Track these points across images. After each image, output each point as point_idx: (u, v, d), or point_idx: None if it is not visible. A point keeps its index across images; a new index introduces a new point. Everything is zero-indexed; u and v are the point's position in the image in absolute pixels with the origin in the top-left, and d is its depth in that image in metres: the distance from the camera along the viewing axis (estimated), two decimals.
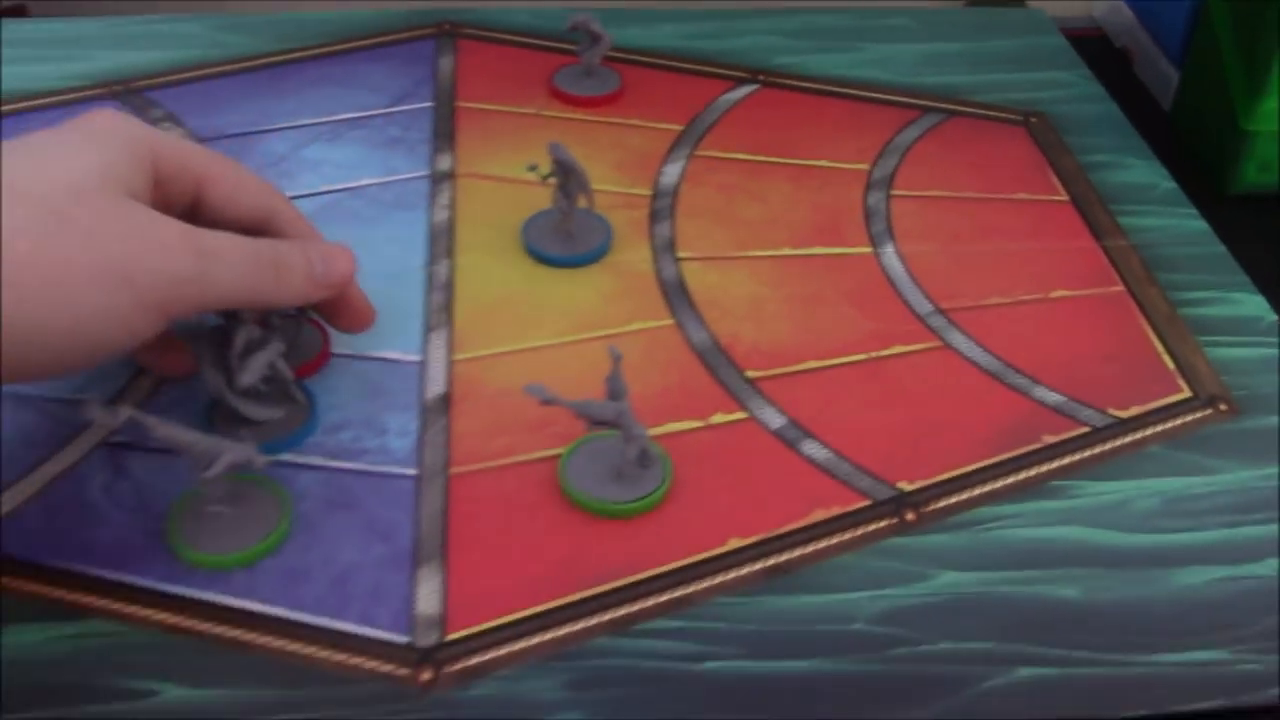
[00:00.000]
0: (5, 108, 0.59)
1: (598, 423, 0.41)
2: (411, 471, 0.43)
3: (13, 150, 0.37)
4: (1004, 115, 0.63)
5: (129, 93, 0.60)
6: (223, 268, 0.38)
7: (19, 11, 0.93)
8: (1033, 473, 0.44)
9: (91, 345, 0.36)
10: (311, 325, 0.47)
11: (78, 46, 0.63)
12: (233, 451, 0.38)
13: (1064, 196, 0.57)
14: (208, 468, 0.38)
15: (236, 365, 0.41)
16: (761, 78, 0.64)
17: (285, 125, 0.59)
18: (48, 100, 0.60)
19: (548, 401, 0.41)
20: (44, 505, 0.41)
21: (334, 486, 0.42)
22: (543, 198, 0.52)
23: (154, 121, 0.58)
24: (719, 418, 0.45)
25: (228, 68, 0.62)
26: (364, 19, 0.66)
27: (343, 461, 0.43)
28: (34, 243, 0.34)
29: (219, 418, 0.43)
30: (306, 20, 0.66)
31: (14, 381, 0.35)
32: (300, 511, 0.41)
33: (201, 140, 0.57)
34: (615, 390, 0.41)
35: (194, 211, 0.41)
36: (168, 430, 0.38)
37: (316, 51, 0.64)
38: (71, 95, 0.60)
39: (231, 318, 0.42)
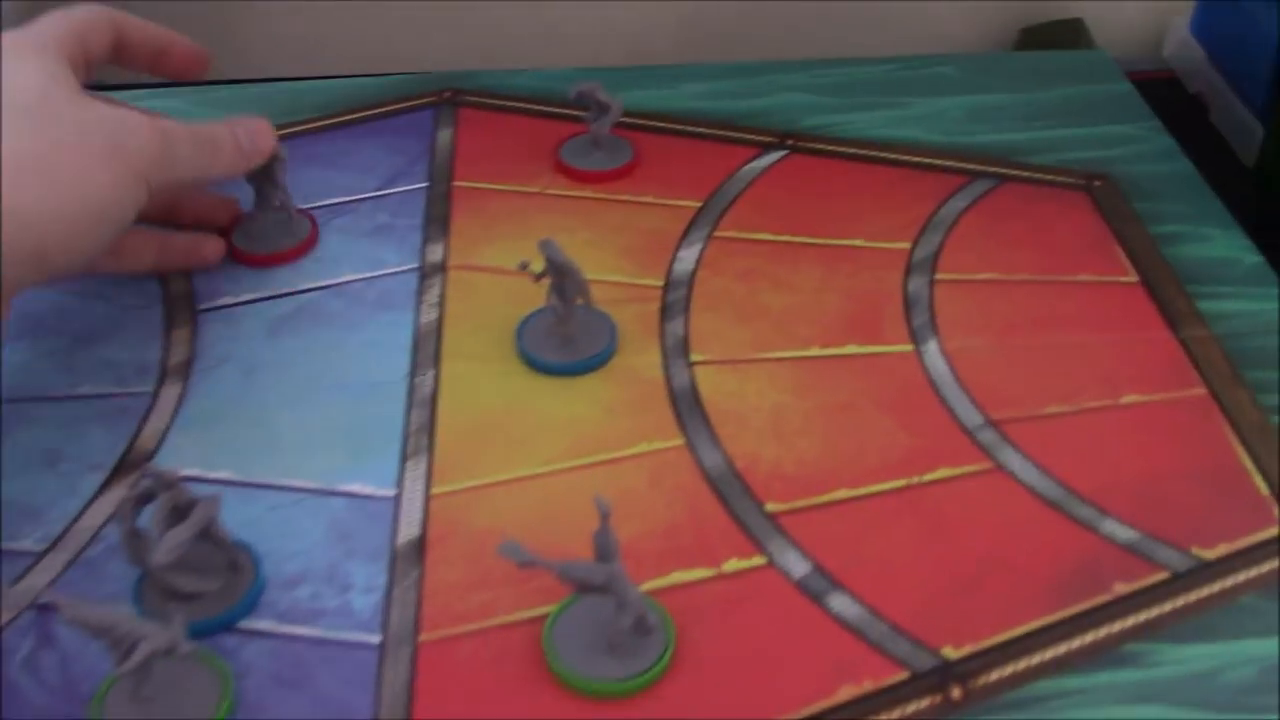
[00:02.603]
0: None
1: (586, 589, 0.35)
2: (374, 639, 0.37)
3: None
4: (1063, 179, 0.56)
5: None
6: (179, 146, 0.43)
7: None
8: (1103, 633, 0.37)
9: (105, 220, 0.40)
10: (303, 216, 0.52)
11: None
12: (154, 639, 0.33)
13: (1133, 277, 0.50)
14: (126, 656, 0.33)
15: (157, 536, 0.36)
16: (790, 142, 0.58)
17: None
18: None
19: (526, 564, 0.35)
20: None
21: (284, 659, 0.36)
22: (543, 292, 0.46)
23: None
24: (732, 564, 0.39)
25: None
26: (364, 88, 0.61)
27: (296, 626, 0.37)
28: (34, 142, 0.39)
29: (147, 590, 0.38)
30: (302, 91, 0.61)
31: (43, 279, 0.39)
32: (243, 689, 0.36)
33: None
34: (604, 550, 0.35)
35: (118, 50, 0.47)
36: (80, 612, 0.33)
37: (308, 127, 0.59)
38: None
39: (153, 480, 0.36)
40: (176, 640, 0.33)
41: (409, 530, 0.40)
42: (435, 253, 0.51)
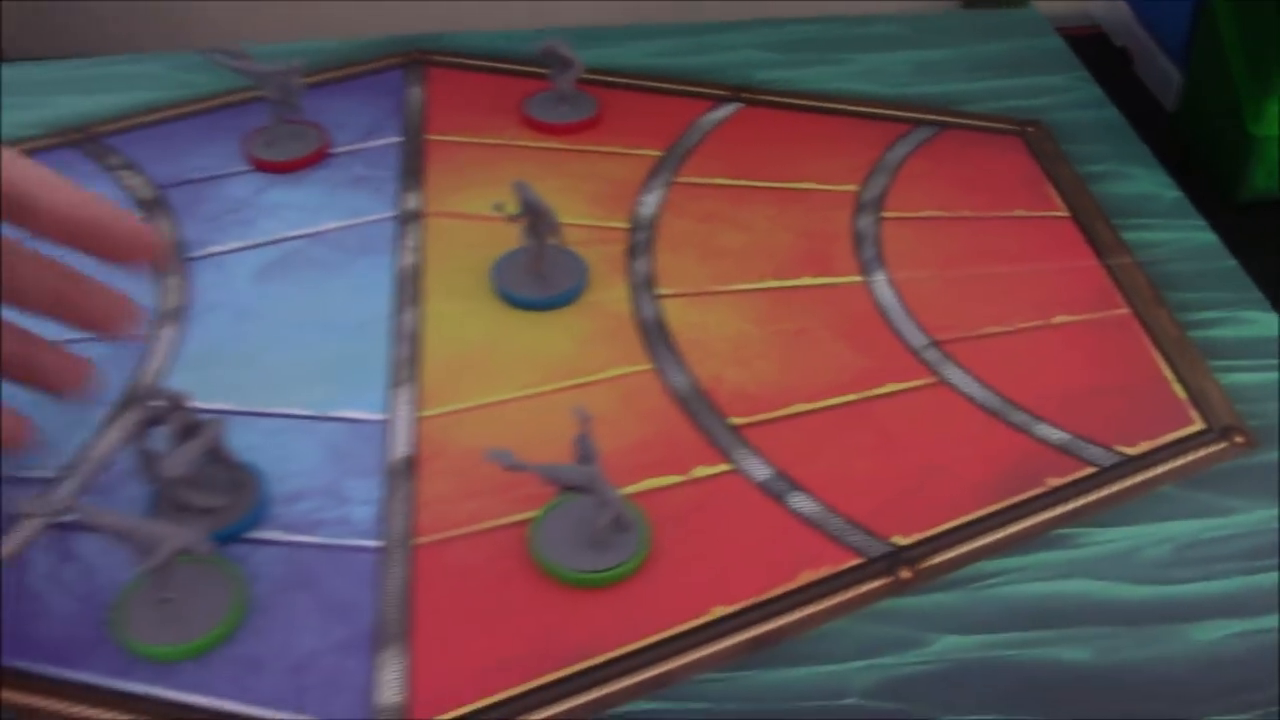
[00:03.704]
0: None
1: (569, 488, 0.39)
2: (374, 544, 0.40)
3: None
4: (999, 125, 0.60)
5: (88, 140, 0.58)
6: (41, 183, 0.36)
7: None
8: (1036, 520, 0.41)
9: None
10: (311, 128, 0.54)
11: (38, 92, 0.61)
12: (175, 538, 0.36)
13: (1064, 212, 0.54)
14: (150, 555, 0.36)
15: (168, 452, 0.39)
16: (743, 95, 0.61)
17: (245, 169, 0.56)
18: None
19: (512, 468, 0.38)
20: None
21: (291, 564, 0.40)
22: (516, 235, 0.50)
23: (112, 169, 0.56)
24: (700, 471, 0.43)
25: (189, 109, 0.60)
26: (331, 51, 0.64)
27: (301, 535, 0.40)
28: None
29: (161, 505, 0.41)
30: (270, 55, 0.63)
31: None
32: (255, 593, 0.39)
33: (159, 187, 0.55)
34: (585, 454, 0.39)
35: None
36: (106, 518, 0.36)
37: None
38: (30, 144, 0.58)
39: (163, 403, 0.39)
40: (197, 539, 0.36)
41: (400, 449, 0.43)
42: (411, 201, 0.54)
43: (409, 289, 0.50)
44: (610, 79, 0.62)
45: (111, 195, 0.54)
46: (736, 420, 0.44)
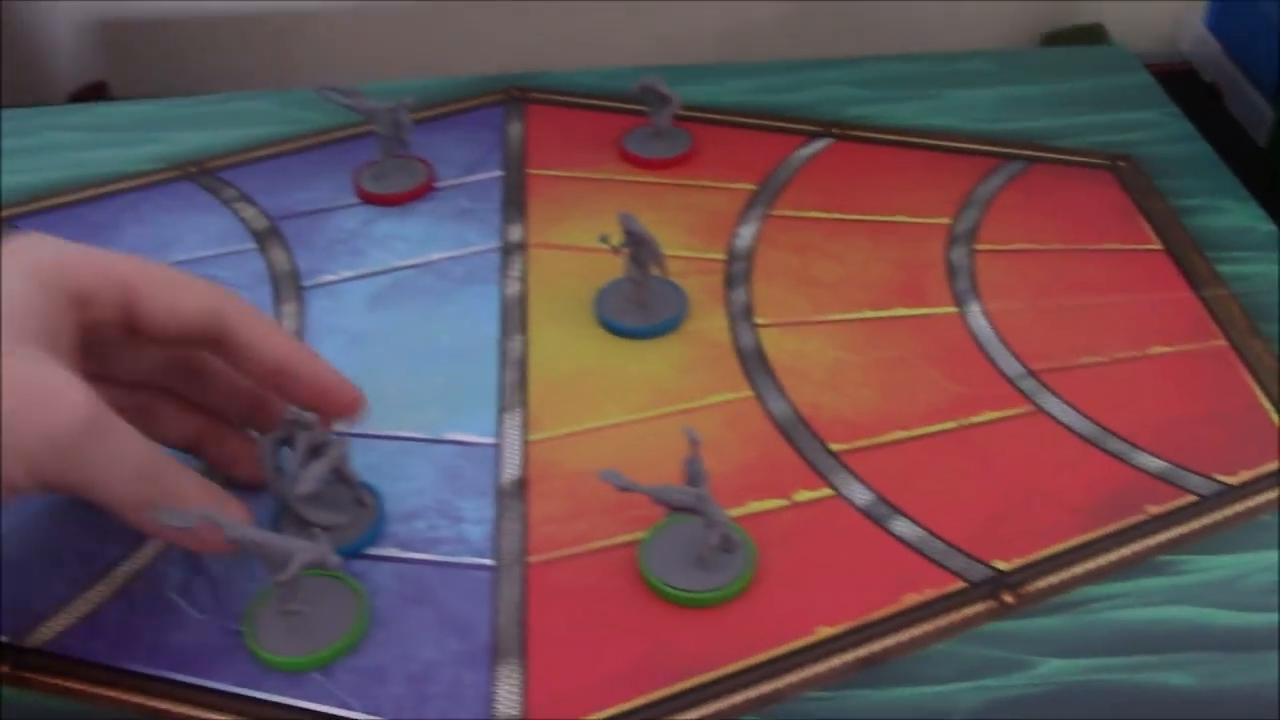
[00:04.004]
0: (86, 194, 0.59)
1: (677, 509, 0.40)
2: (488, 562, 0.42)
3: None
4: (1090, 160, 0.60)
5: (202, 173, 0.61)
6: (111, 458, 0.35)
7: (100, 89, 0.95)
8: (1137, 547, 0.41)
9: None
10: (418, 162, 0.57)
11: (152, 128, 0.64)
12: (306, 552, 0.38)
13: (1157, 245, 0.55)
14: (282, 569, 0.38)
15: (297, 471, 0.41)
16: (835, 131, 0.63)
17: (355, 201, 0.58)
18: (124, 185, 0.60)
19: (624, 489, 0.40)
20: (121, 606, 0.41)
21: (409, 580, 0.41)
22: (616, 265, 0.51)
23: (228, 202, 0.59)
24: (803, 495, 0.44)
25: (299, 144, 0.63)
26: (432, 88, 0.66)
27: (418, 553, 0.42)
28: None
29: (285, 523, 0.42)
30: (378, 93, 0.66)
31: None
32: (376, 607, 0.40)
33: (273, 219, 0.57)
34: (694, 475, 0.40)
35: (131, 324, 0.39)
36: (240, 532, 0.38)
37: None
38: (146, 179, 0.60)
39: (293, 422, 0.41)
40: (325, 554, 0.38)
41: (510, 471, 0.45)
42: (515, 233, 0.56)
43: (514, 316, 0.52)
44: (706, 115, 0.63)
45: (228, 226, 0.57)
46: (836, 446, 0.45)
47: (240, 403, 0.43)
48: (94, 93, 0.92)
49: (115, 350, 0.39)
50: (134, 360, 0.41)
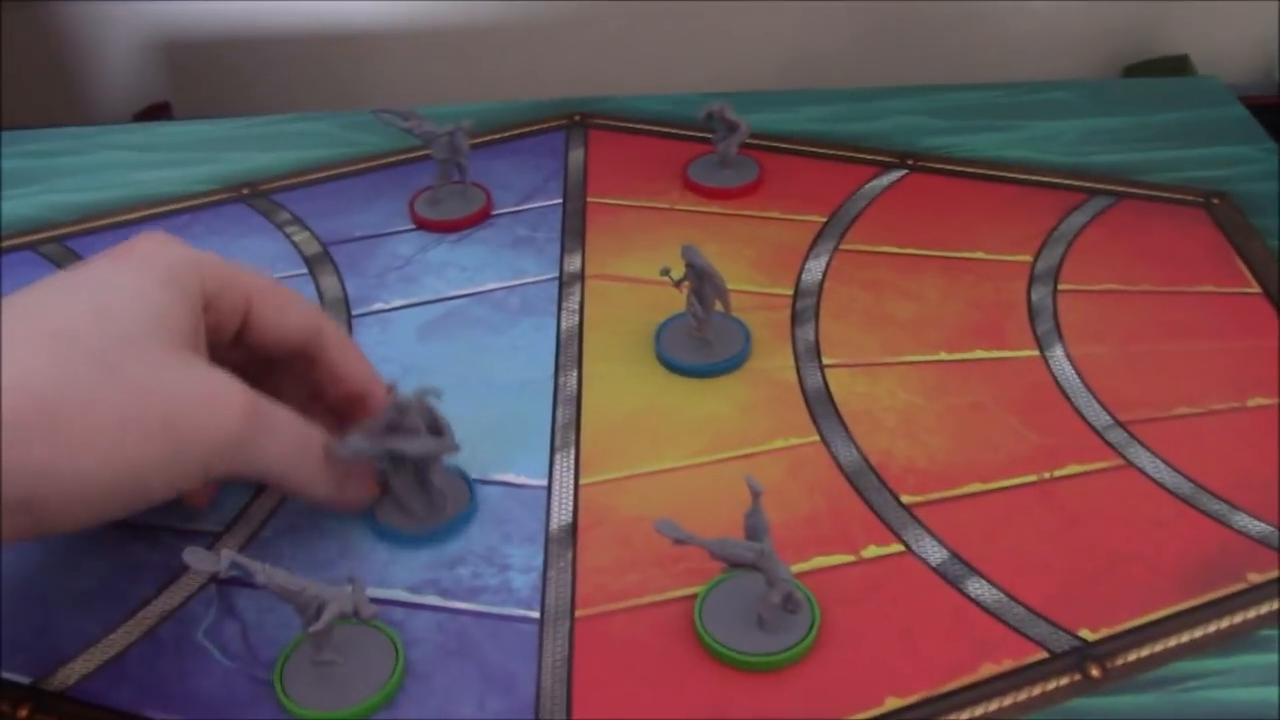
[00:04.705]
0: (138, 214, 0.58)
1: (737, 565, 0.37)
2: (534, 614, 0.39)
3: (66, 289, 0.36)
4: (1181, 196, 0.57)
5: (256, 195, 0.59)
6: (272, 439, 0.38)
7: (163, 109, 0.95)
8: (1237, 620, 0.38)
9: (131, 497, 0.35)
10: (478, 189, 0.56)
11: (208, 149, 0.63)
12: (339, 601, 0.36)
13: (1255, 288, 0.51)
14: (315, 618, 0.36)
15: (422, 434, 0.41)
16: (910, 162, 0.60)
17: (410, 227, 0.57)
18: (177, 205, 0.59)
19: (681, 541, 0.37)
20: (148, 649, 0.39)
21: (450, 631, 0.39)
22: (677, 300, 0.49)
23: (280, 225, 0.57)
24: (872, 551, 0.41)
25: (356, 167, 0.61)
26: (494, 112, 0.64)
27: (461, 602, 0.40)
28: (85, 394, 0.33)
29: (384, 505, 0.42)
30: (437, 116, 0.64)
31: (50, 532, 0.34)
32: (413, 659, 0.38)
33: (325, 244, 0.56)
34: (755, 529, 0.37)
35: (243, 329, 0.40)
36: (273, 577, 0.35)
37: None
38: (200, 200, 0.59)
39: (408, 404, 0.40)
40: (360, 603, 0.36)
41: (561, 516, 0.42)
42: (573, 263, 0.54)
43: (570, 350, 0.49)
44: (774, 143, 0.61)
45: (279, 249, 0.55)
46: (908, 498, 0.43)
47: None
48: (157, 112, 0.92)
49: (217, 355, 0.40)
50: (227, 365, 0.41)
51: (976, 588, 0.39)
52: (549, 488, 0.44)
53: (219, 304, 0.39)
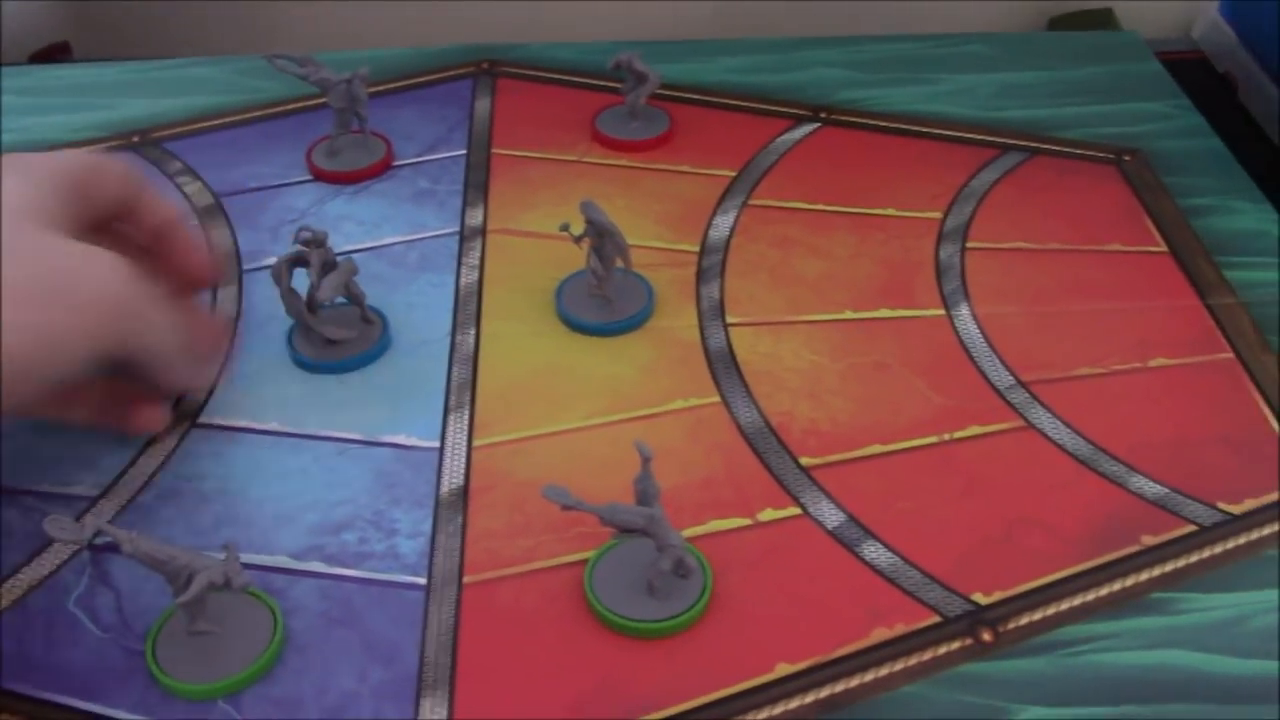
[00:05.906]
0: None
1: (627, 530, 0.36)
2: (420, 581, 0.38)
3: None
4: (1094, 153, 0.57)
5: (147, 143, 0.57)
6: (154, 309, 0.39)
7: (63, 50, 0.91)
8: (1130, 583, 0.38)
9: (33, 369, 0.35)
10: (378, 138, 0.55)
11: (100, 94, 0.60)
12: (210, 570, 0.34)
13: (1162, 247, 0.51)
14: (185, 587, 0.34)
15: (315, 283, 0.43)
16: (824, 115, 0.59)
17: (306, 179, 0.55)
18: None
19: (569, 507, 0.36)
20: (16, 619, 0.37)
21: (332, 599, 0.38)
22: (580, 257, 0.47)
23: (172, 175, 0.55)
24: (768, 514, 0.40)
25: (252, 115, 0.59)
26: (400, 59, 0.62)
27: (344, 568, 0.39)
28: None
29: (300, 340, 0.45)
30: (339, 62, 0.62)
31: None
32: (294, 629, 0.37)
33: (217, 195, 0.54)
34: (645, 494, 0.36)
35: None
36: (139, 545, 0.34)
37: None
38: (92, 147, 0.57)
39: (308, 243, 0.43)
40: (232, 572, 0.34)
41: (452, 479, 0.41)
42: (475, 217, 0.52)
43: (469, 308, 0.48)
44: (686, 95, 0.60)
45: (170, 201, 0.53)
46: (808, 460, 0.42)
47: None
48: (55, 53, 0.88)
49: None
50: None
51: (872, 551, 0.39)
52: (441, 450, 0.42)
53: (97, 195, 0.40)
